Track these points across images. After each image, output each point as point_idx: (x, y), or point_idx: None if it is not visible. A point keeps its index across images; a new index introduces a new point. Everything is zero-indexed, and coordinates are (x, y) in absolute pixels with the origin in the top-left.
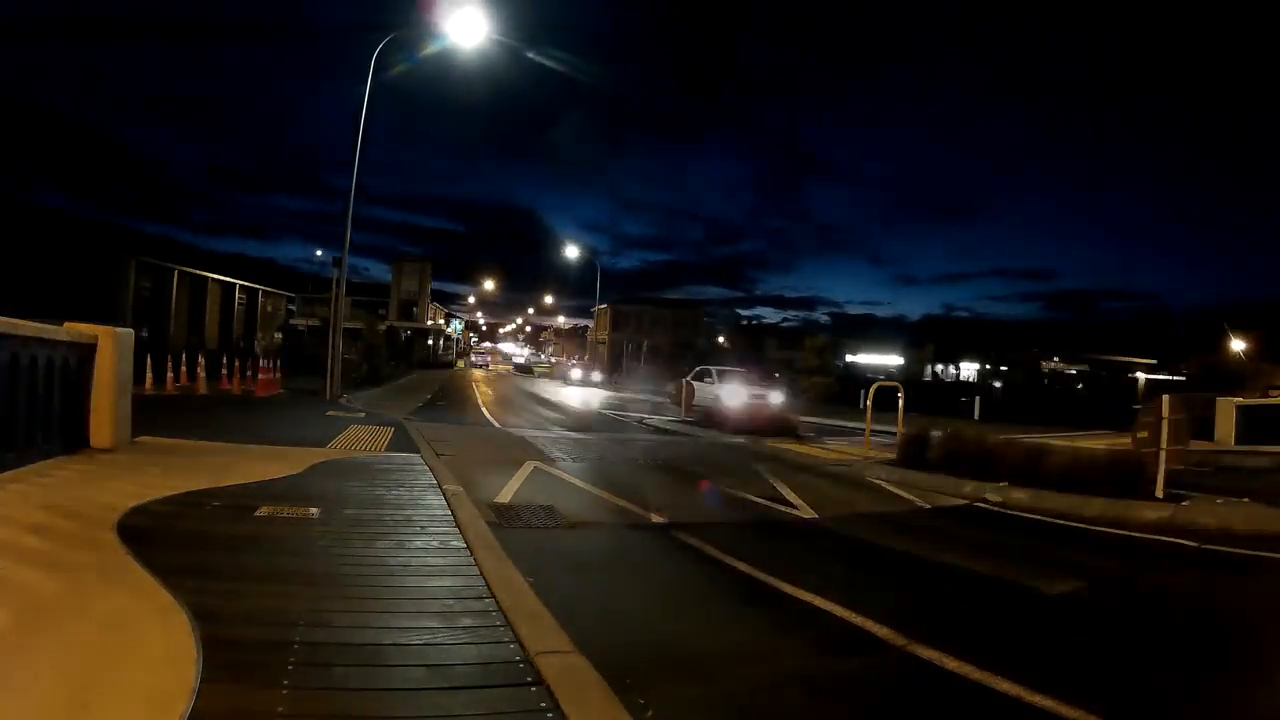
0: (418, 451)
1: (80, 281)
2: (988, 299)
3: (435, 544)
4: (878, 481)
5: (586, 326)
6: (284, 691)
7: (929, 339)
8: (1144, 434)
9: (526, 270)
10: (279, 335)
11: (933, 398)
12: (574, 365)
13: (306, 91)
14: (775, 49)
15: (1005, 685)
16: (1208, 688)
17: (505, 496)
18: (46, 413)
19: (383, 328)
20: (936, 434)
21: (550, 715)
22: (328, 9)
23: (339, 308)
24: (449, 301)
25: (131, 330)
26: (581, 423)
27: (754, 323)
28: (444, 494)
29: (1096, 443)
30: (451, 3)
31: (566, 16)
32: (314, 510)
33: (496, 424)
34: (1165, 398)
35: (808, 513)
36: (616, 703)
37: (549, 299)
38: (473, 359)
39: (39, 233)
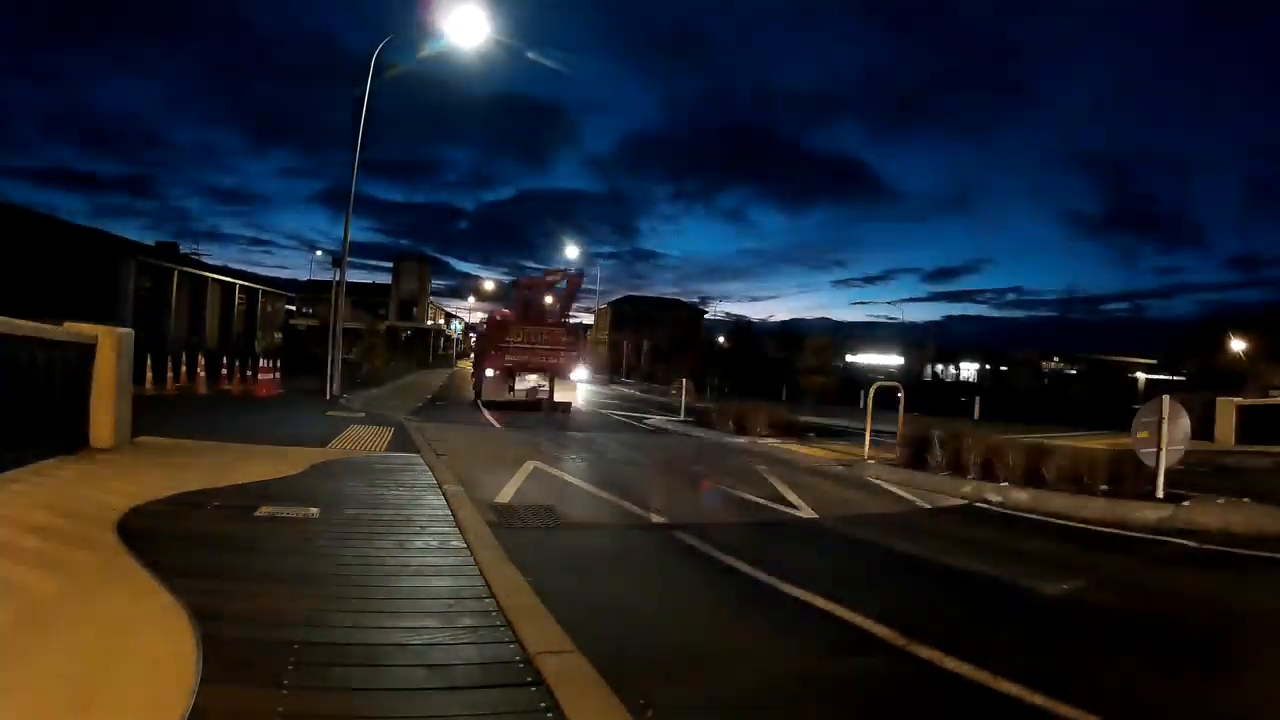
0: (418, 451)
1: (81, 281)
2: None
3: (435, 544)
4: (878, 481)
5: (587, 327)
6: (284, 691)
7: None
8: (1144, 434)
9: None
10: (279, 335)
11: (933, 398)
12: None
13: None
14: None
15: (1005, 685)
16: (1208, 687)
17: (505, 496)
18: (46, 412)
19: (383, 328)
20: (937, 434)
21: (550, 715)
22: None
23: (339, 308)
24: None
25: (131, 330)
26: (581, 422)
27: (752, 323)
28: (444, 494)
29: (1096, 443)
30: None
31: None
32: (314, 510)
33: (496, 424)
34: (1165, 398)
35: (808, 513)
36: (617, 703)
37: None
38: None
39: (40, 234)
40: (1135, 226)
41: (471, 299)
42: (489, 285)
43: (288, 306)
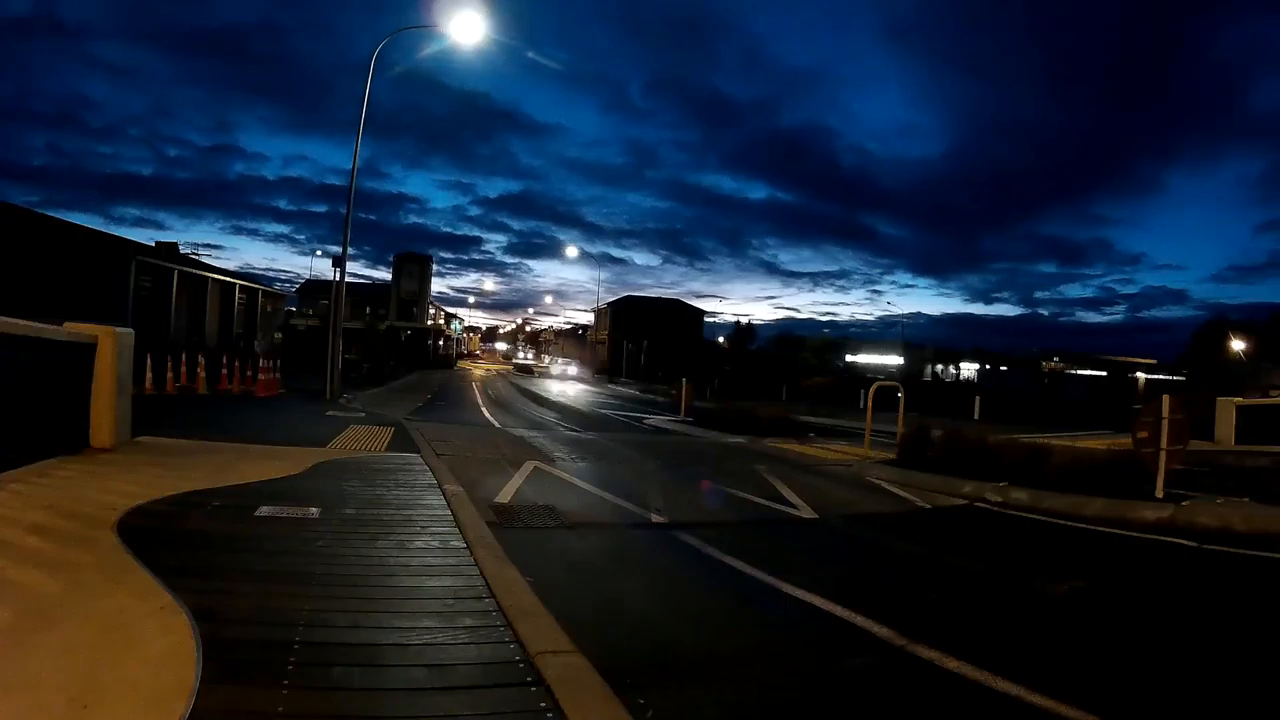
0: (418, 451)
1: (81, 282)
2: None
3: (435, 544)
4: (878, 481)
5: (587, 327)
6: (284, 691)
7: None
8: (1144, 434)
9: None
10: (279, 335)
11: (933, 398)
12: (571, 365)
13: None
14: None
15: (1005, 685)
16: (1208, 688)
17: (505, 496)
18: (46, 412)
19: (383, 328)
20: (936, 434)
21: (550, 715)
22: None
23: (339, 308)
24: (449, 302)
25: (131, 330)
26: (581, 422)
27: (751, 323)
28: (444, 494)
29: (1096, 443)
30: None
31: None
32: (314, 510)
33: (496, 424)
34: (1165, 398)
35: (808, 512)
36: (617, 703)
37: (549, 299)
38: (474, 357)
39: (41, 236)
40: None
41: (472, 299)
42: (488, 285)
43: (288, 307)
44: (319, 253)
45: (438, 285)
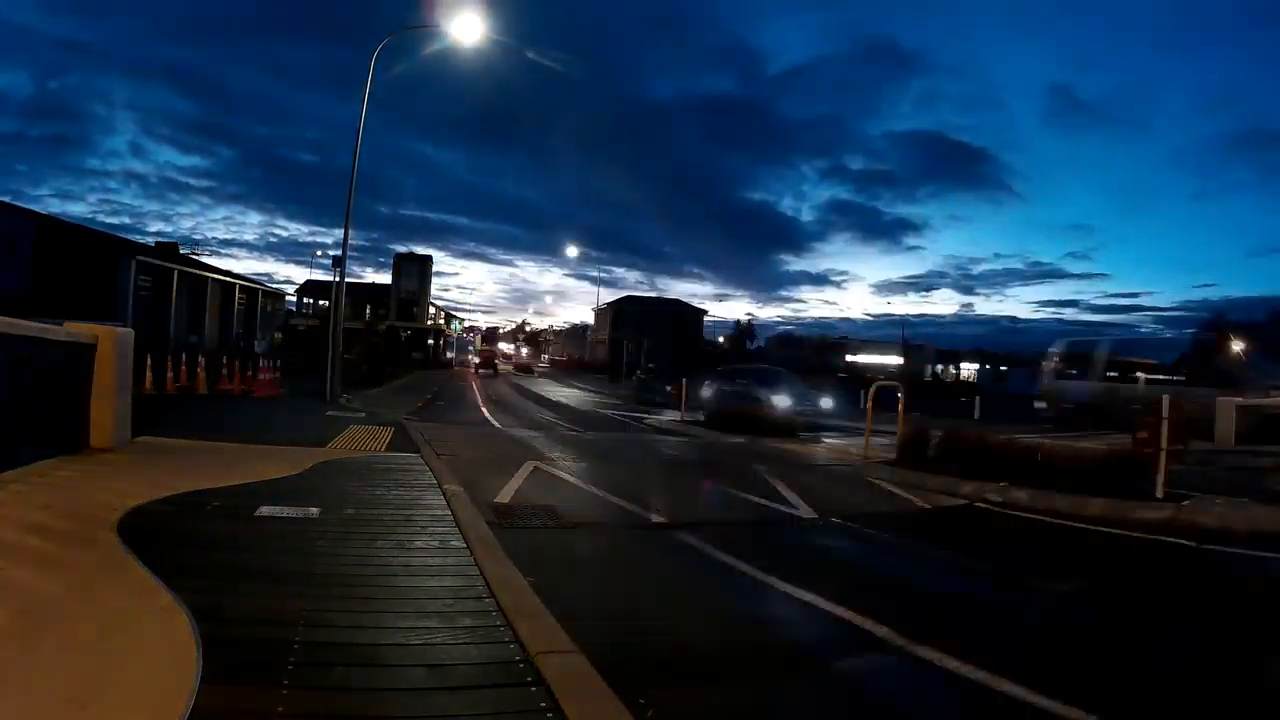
0: (418, 451)
1: (81, 281)
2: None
3: (435, 544)
4: (878, 481)
5: (587, 326)
6: (284, 691)
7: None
8: (1144, 434)
9: None
10: (279, 335)
11: (933, 398)
12: (571, 364)
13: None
14: None
15: (1005, 685)
16: (1207, 688)
17: (505, 496)
18: (46, 412)
19: (383, 328)
20: (936, 434)
21: (550, 715)
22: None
23: (339, 308)
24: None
25: (131, 330)
26: (580, 422)
27: (751, 323)
28: (444, 494)
29: (1096, 443)
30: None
31: None
32: (314, 510)
33: (496, 424)
34: (1165, 398)
35: (807, 512)
36: (617, 702)
37: (549, 299)
38: (473, 357)
39: (41, 235)
40: None
41: (472, 299)
42: (489, 288)
43: (288, 307)
44: (319, 253)
45: (438, 289)
